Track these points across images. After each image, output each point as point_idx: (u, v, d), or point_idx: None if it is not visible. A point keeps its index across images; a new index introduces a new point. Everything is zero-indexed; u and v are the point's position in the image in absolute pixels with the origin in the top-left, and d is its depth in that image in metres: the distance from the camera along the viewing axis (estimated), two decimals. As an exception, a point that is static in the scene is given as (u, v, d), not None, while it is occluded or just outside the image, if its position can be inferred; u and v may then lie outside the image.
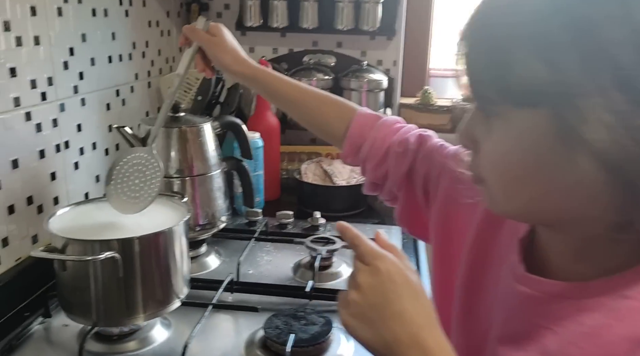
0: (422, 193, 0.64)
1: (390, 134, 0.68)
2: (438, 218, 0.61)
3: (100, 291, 0.68)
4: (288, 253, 1.04)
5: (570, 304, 0.40)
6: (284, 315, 0.77)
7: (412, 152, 0.65)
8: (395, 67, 1.48)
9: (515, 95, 0.36)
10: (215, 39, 0.72)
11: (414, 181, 0.65)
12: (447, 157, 0.62)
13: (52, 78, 0.90)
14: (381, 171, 0.67)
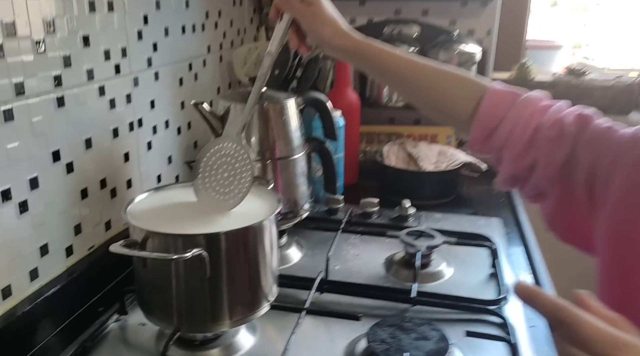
0: (585, 189, 0.50)
1: (538, 113, 0.54)
2: (612, 222, 0.47)
3: (183, 293, 0.60)
4: (376, 246, 0.92)
5: None
6: (389, 325, 0.65)
7: (571, 136, 0.51)
8: (489, 37, 1.31)
9: None
10: (313, 9, 0.61)
11: (574, 174, 0.51)
12: (623, 141, 0.48)
13: (126, 49, 0.81)
14: (527, 160, 0.53)
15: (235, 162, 0.65)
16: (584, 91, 1.29)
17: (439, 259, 0.86)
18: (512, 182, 0.56)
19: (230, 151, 0.65)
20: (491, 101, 0.56)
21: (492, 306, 0.73)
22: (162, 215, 0.64)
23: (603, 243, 0.48)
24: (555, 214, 0.53)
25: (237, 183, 0.64)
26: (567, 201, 0.52)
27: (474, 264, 0.86)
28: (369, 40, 0.62)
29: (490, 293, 0.78)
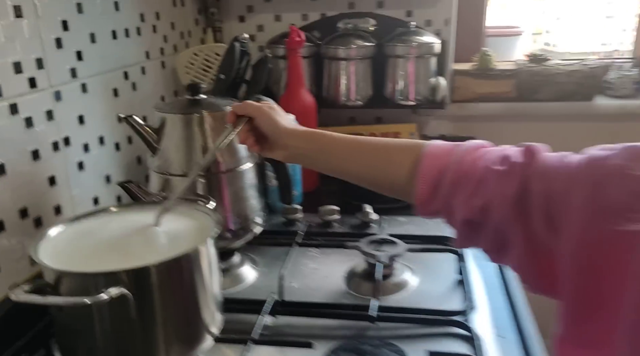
0: (544, 221, 0.45)
1: (481, 156, 0.51)
2: (575, 251, 0.42)
3: (108, 336, 0.52)
4: (337, 258, 0.86)
5: None
6: (345, 350, 0.60)
7: (520, 168, 0.47)
8: (448, 27, 1.26)
9: None
10: (270, 106, 0.66)
11: (531, 207, 0.46)
12: (581, 166, 0.44)
13: (42, 60, 0.73)
14: (479, 200, 0.49)
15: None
16: (548, 77, 1.25)
17: (402, 267, 0.81)
18: (469, 231, 0.51)
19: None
20: (431, 154, 0.54)
21: (458, 316, 0.68)
22: (80, 250, 0.56)
23: (567, 273, 0.43)
24: (522, 260, 0.48)
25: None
26: (529, 241, 0.47)
27: (440, 271, 0.81)
28: (317, 130, 0.64)
29: (456, 302, 0.73)
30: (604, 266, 0.40)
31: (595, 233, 0.40)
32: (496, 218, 0.48)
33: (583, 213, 0.42)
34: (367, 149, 0.59)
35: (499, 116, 1.29)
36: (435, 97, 1.22)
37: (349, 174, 0.61)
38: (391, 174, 0.57)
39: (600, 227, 0.40)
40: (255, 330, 0.65)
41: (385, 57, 1.22)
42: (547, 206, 0.45)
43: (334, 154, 0.61)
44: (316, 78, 1.27)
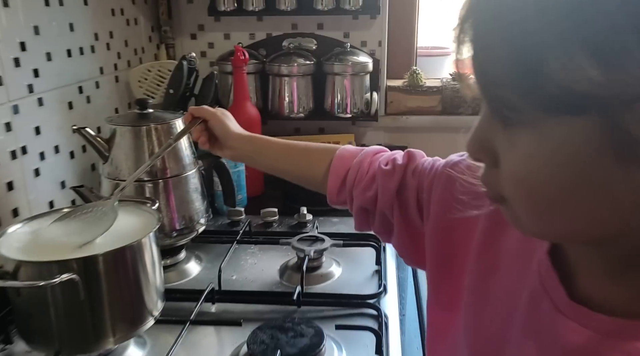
0: (416, 210, 0.58)
1: (377, 158, 0.64)
2: (434, 232, 0.54)
3: (61, 316, 0.61)
4: (273, 254, 0.97)
5: (614, 345, 0.34)
6: (270, 327, 0.70)
7: (401, 167, 0.60)
8: (381, 47, 1.40)
9: (551, 101, 0.28)
10: (222, 111, 0.77)
11: (406, 198, 0.59)
12: (439, 167, 0.56)
13: (1, 78, 0.81)
14: (370, 193, 0.61)
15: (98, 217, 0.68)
16: (468, 94, 1.40)
17: (329, 260, 0.92)
18: (364, 216, 0.64)
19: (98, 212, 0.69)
20: (341, 156, 0.66)
21: (371, 299, 0.80)
22: (37, 244, 0.65)
23: (429, 251, 0.55)
24: (399, 237, 0.61)
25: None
26: (405, 224, 0.60)
27: (362, 263, 0.93)
28: (260, 135, 0.76)
29: (372, 288, 0.85)
30: (452, 245, 0.52)
31: (445, 219, 0.53)
32: (382, 206, 0.61)
33: (438, 204, 0.54)
34: (293, 151, 0.71)
35: (428, 127, 1.43)
36: (370, 111, 1.35)
37: (279, 172, 0.72)
38: (311, 172, 0.68)
39: (451, 214, 0.52)
40: (193, 313, 0.75)
41: (324, 74, 1.35)
42: (418, 198, 0.58)
43: (267, 155, 0.72)
44: (262, 92, 1.38)
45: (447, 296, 0.53)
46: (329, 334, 0.70)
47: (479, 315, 0.47)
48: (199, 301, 0.77)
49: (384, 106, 1.44)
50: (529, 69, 0.28)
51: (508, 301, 0.44)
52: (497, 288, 0.46)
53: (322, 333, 0.69)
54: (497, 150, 0.33)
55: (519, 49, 0.28)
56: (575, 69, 0.26)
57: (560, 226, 0.33)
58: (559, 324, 0.38)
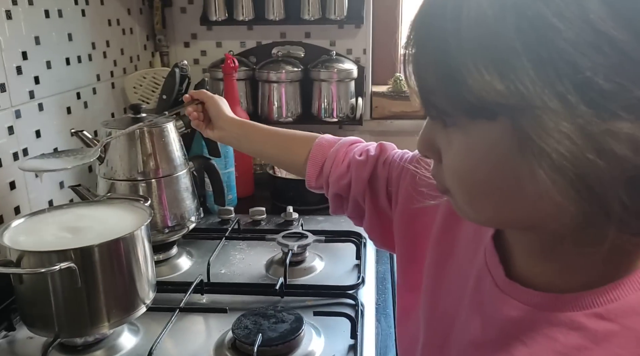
0: (385, 199, 0.63)
1: (352, 148, 0.69)
2: (401, 219, 0.60)
3: (60, 303, 0.67)
4: (261, 250, 1.03)
5: (542, 316, 0.39)
6: (253, 315, 0.76)
7: (373, 159, 0.65)
8: (365, 55, 1.47)
9: (469, 107, 0.34)
10: (220, 96, 0.84)
11: (377, 187, 0.64)
12: (407, 160, 0.62)
13: (4, 84, 0.87)
14: (345, 181, 0.67)
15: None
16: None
17: (312, 255, 0.98)
18: (339, 203, 0.70)
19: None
20: (319, 145, 0.72)
21: (350, 290, 0.85)
22: (39, 236, 0.70)
23: (397, 237, 0.61)
24: (370, 223, 0.67)
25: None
26: (376, 211, 0.66)
27: (343, 258, 0.99)
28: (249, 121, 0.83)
29: (351, 280, 0.90)
30: (415, 232, 0.58)
31: (409, 208, 0.58)
32: (355, 193, 0.66)
33: (404, 194, 0.60)
34: (277, 137, 0.76)
35: (412, 131, 1.48)
36: (355, 115, 1.41)
37: (263, 155, 0.80)
38: (292, 157, 0.74)
39: (411, 205, 0.58)
40: (182, 302, 0.80)
41: (311, 81, 1.41)
42: (387, 187, 0.63)
43: (253, 139, 0.78)
44: (252, 98, 1.45)
45: (412, 278, 0.58)
46: (308, 321, 0.75)
47: (434, 294, 0.52)
48: (188, 291, 0.82)
49: (369, 111, 1.50)
50: (452, 82, 0.34)
51: (460, 281, 0.49)
52: (451, 270, 0.51)
53: (301, 319, 0.74)
54: (440, 148, 0.39)
55: (444, 66, 0.34)
56: (485, 83, 0.32)
57: (491, 214, 0.38)
58: (498, 299, 0.43)
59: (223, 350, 0.72)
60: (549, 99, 0.31)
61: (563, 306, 0.38)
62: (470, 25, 0.33)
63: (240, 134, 0.79)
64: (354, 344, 0.72)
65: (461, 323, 0.48)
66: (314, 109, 1.43)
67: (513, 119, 0.33)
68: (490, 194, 0.37)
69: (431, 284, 0.54)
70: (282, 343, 0.70)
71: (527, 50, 0.31)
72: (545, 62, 0.31)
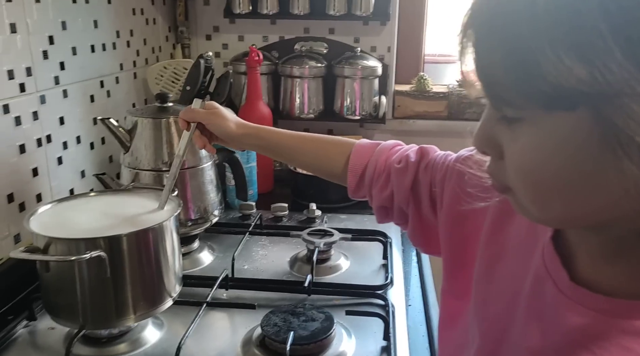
0: (429, 204, 0.61)
1: (391, 155, 0.67)
2: (446, 223, 0.57)
3: (86, 293, 0.64)
4: (284, 246, 1.00)
5: (614, 323, 0.36)
6: (282, 312, 0.73)
7: (414, 165, 0.63)
8: (390, 53, 1.44)
9: (546, 98, 0.31)
10: (215, 112, 0.73)
11: (420, 193, 0.62)
12: (451, 162, 0.59)
13: (30, 68, 0.85)
14: (387, 192, 0.65)
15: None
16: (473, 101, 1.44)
17: (337, 254, 0.96)
18: (384, 213, 0.68)
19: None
20: (357, 152, 0.69)
21: (379, 290, 0.83)
22: (66, 223, 0.68)
23: (443, 241, 0.58)
24: (415, 229, 0.64)
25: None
26: (420, 217, 0.63)
27: (369, 257, 0.96)
28: (264, 126, 0.76)
29: (379, 280, 0.88)
30: (465, 236, 0.55)
31: (456, 211, 0.55)
32: (398, 202, 0.64)
33: (450, 197, 0.57)
34: (309, 144, 0.72)
35: (434, 132, 1.47)
36: (378, 114, 1.39)
37: (296, 163, 0.75)
38: (329, 166, 0.71)
39: (459, 207, 0.55)
40: (209, 296, 0.78)
41: (334, 77, 1.39)
42: (431, 192, 0.60)
43: (281, 147, 0.73)
44: (274, 93, 1.42)
45: (460, 284, 0.55)
46: (338, 320, 0.73)
47: (486, 299, 0.49)
48: (214, 286, 0.80)
49: (391, 110, 1.47)
50: (525, 70, 0.31)
51: (513, 284, 0.46)
52: (503, 272, 0.48)
53: (332, 318, 0.72)
54: (502, 143, 0.36)
55: (515, 53, 0.31)
56: (565, 69, 0.29)
57: (560, 212, 0.35)
58: (561, 304, 0.40)
59: (251, 347, 0.69)
60: (639, 85, 0.28)
61: (638, 314, 0.36)
62: (547, 5, 0.30)
63: (261, 146, 0.73)
64: (387, 346, 0.70)
65: (517, 329, 0.45)
66: (336, 106, 1.41)
67: (595, 109, 0.30)
68: (560, 190, 0.34)
69: (481, 290, 0.51)
70: (314, 343, 0.67)
71: (613, 32, 0.28)
72: (635, 44, 0.28)
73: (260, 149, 0.75)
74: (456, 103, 1.45)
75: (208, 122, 0.72)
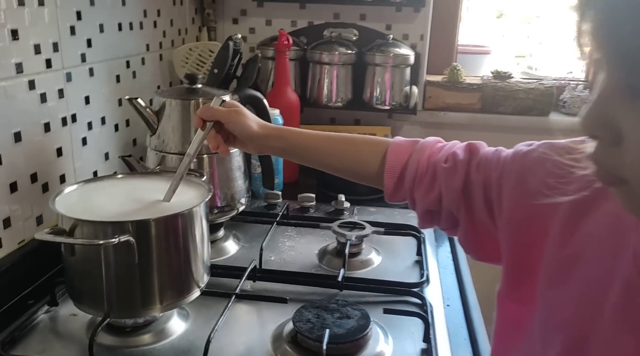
0: (484, 206, 0.55)
1: (434, 153, 0.60)
2: (508, 226, 0.52)
3: (112, 279, 0.61)
4: (311, 238, 0.96)
5: None
6: (315, 307, 0.69)
7: (463, 163, 0.57)
8: (423, 41, 1.39)
9: None
10: (236, 110, 0.68)
11: (473, 195, 0.56)
12: (507, 159, 0.54)
13: (57, 44, 0.81)
14: (433, 194, 0.58)
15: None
16: (509, 93, 1.39)
17: (369, 248, 0.91)
18: (429, 218, 0.62)
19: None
20: (394, 152, 0.62)
21: (414, 288, 0.78)
22: (92, 205, 0.65)
23: (505, 246, 0.53)
24: (467, 235, 0.59)
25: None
26: (473, 221, 0.57)
27: (402, 253, 0.92)
28: (285, 127, 0.70)
29: (414, 277, 0.83)
30: (531, 237, 0.49)
31: (523, 210, 0.50)
32: (447, 206, 0.58)
33: (512, 196, 0.51)
34: (337, 145, 0.66)
35: (466, 125, 1.42)
36: (409, 104, 1.34)
37: (323, 166, 0.67)
38: (361, 167, 0.65)
39: (527, 204, 0.49)
40: (238, 287, 0.74)
41: (364, 65, 1.34)
42: (485, 193, 0.55)
43: (307, 150, 0.66)
44: (301, 80, 1.38)
45: (522, 290, 0.50)
46: (373, 319, 0.68)
47: (559, 306, 0.44)
48: (243, 277, 0.76)
49: (421, 101, 1.42)
50: None
51: (594, 290, 0.41)
52: (579, 276, 0.43)
53: (368, 316, 0.67)
54: (622, 126, 0.31)
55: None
56: None
57: None
58: None
59: (282, 343, 0.65)
60: None
61: None
62: None
63: (284, 149, 0.67)
64: (428, 348, 0.65)
65: (602, 342, 0.40)
66: (365, 95, 1.36)
67: None
68: None
69: (550, 295, 0.46)
70: (350, 342, 0.63)
71: None
72: None
73: (283, 152, 0.69)
74: (490, 95, 1.39)
75: (228, 121, 0.67)
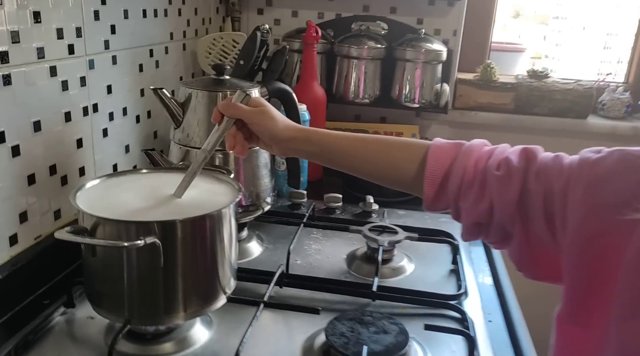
0: (544, 220, 0.49)
1: (483, 158, 0.54)
2: (575, 244, 0.46)
3: (134, 283, 0.57)
4: (339, 241, 0.91)
5: None
6: (349, 319, 0.64)
7: (520, 171, 0.51)
8: (455, 37, 1.32)
9: None
10: (262, 110, 0.63)
11: (531, 207, 0.50)
12: (573, 166, 0.48)
13: (81, 29, 0.77)
14: (484, 205, 0.52)
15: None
16: (545, 93, 1.32)
17: (400, 254, 0.86)
18: (476, 231, 0.56)
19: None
20: (436, 156, 0.56)
21: (452, 301, 0.73)
22: (114, 202, 0.60)
23: (569, 266, 0.47)
24: (521, 253, 0.53)
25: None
26: (528, 237, 0.52)
27: (435, 261, 0.87)
28: (313, 128, 0.65)
29: (450, 288, 0.78)
30: (601, 256, 0.44)
31: (593, 225, 0.44)
32: (499, 218, 0.52)
33: (581, 209, 0.46)
34: (371, 147, 0.61)
35: (497, 126, 1.35)
36: (439, 102, 1.28)
37: (355, 171, 0.62)
38: (397, 173, 0.60)
39: (598, 219, 0.44)
40: (266, 295, 0.69)
41: (394, 60, 1.28)
42: (545, 206, 0.49)
43: (337, 153, 0.62)
44: (327, 74, 1.32)
45: (586, 313, 0.45)
46: (411, 335, 0.63)
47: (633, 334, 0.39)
48: (271, 283, 0.71)
49: (452, 99, 1.36)
50: None
51: None
52: None
53: (406, 332, 0.62)
54: None
55: None
56: None
57: None
58: None
59: (313, 358, 0.61)
60: None
61: None
62: None
63: (312, 152, 0.62)
64: (472, 369, 0.60)
65: None
66: (393, 91, 1.30)
67: None
68: None
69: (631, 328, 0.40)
70: (388, 359, 0.58)
71: None
72: None
73: (310, 155, 0.64)
74: (525, 96, 1.32)
75: (252, 123, 0.62)
